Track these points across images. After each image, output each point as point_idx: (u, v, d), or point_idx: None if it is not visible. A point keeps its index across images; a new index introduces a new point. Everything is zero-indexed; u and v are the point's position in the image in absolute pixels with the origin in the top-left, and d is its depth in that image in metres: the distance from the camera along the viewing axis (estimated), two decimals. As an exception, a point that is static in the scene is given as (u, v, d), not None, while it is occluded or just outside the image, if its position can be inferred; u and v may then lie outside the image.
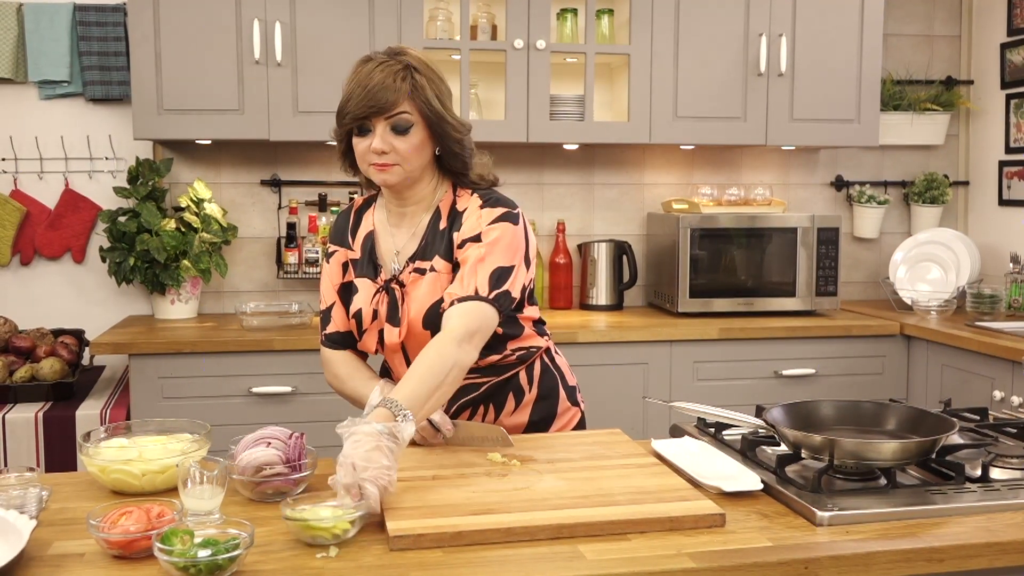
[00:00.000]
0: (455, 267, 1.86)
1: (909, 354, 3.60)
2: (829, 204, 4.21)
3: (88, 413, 3.07)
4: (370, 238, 1.96)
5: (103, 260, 3.53)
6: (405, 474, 1.64)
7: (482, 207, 1.88)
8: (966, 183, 4.28)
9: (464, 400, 1.96)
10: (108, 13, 3.56)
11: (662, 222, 3.81)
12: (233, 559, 1.26)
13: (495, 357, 1.93)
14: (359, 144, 1.82)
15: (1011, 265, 3.76)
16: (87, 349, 3.40)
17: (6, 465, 2.97)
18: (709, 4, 3.61)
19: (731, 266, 3.67)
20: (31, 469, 1.58)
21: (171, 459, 1.61)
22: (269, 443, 1.61)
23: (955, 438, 1.76)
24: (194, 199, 3.54)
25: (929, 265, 3.96)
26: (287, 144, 3.73)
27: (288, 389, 3.19)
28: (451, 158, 1.89)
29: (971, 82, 4.23)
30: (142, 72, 3.30)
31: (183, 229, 3.50)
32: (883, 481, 1.60)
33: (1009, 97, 4.03)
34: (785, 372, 3.51)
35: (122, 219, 3.49)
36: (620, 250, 3.84)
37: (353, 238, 1.98)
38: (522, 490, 1.56)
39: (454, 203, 1.92)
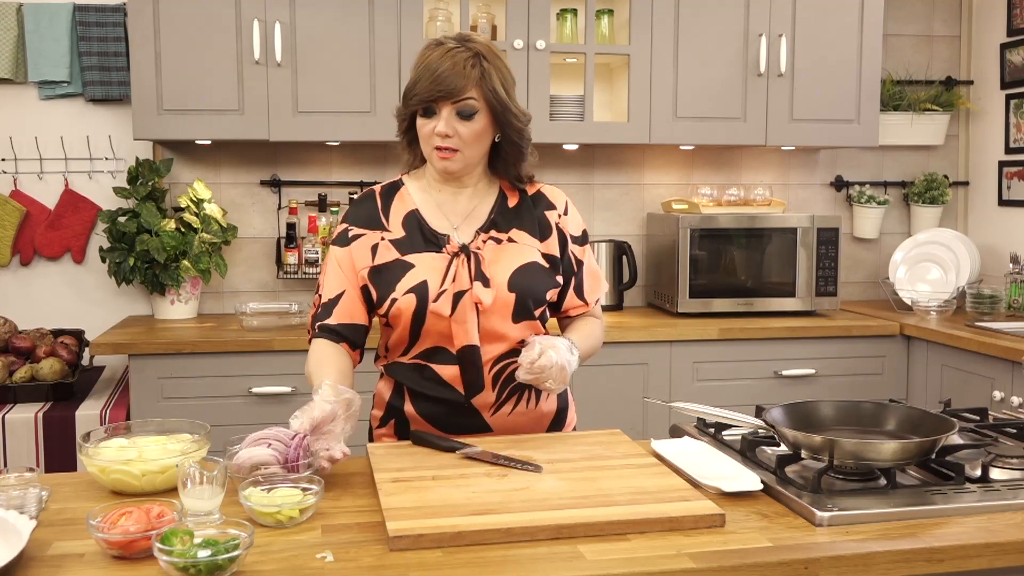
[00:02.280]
0: (562, 246, 1.99)
1: (909, 354, 3.60)
2: (829, 204, 4.21)
3: (88, 413, 3.07)
4: (414, 216, 1.95)
5: (103, 260, 3.53)
6: (404, 474, 1.64)
7: (567, 200, 2.05)
8: (966, 183, 4.28)
9: (514, 385, 1.94)
10: (108, 13, 3.56)
11: (662, 222, 3.81)
12: (233, 559, 1.26)
13: None
14: (424, 125, 1.86)
15: (1011, 265, 3.76)
16: (87, 349, 3.40)
17: (6, 465, 2.97)
18: (709, 4, 3.61)
19: (731, 266, 3.67)
20: (31, 469, 1.58)
21: (171, 459, 1.61)
22: (269, 444, 1.61)
23: (955, 438, 1.76)
24: (194, 199, 3.54)
25: (929, 265, 3.96)
26: (287, 144, 3.73)
27: (288, 389, 3.19)
28: (510, 147, 1.93)
29: (971, 82, 4.23)
30: (142, 72, 3.30)
31: (183, 229, 3.50)
32: (883, 481, 1.60)
33: (1009, 97, 4.03)
34: (785, 372, 3.51)
35: (122, 219, 3.49)
36: (620, 250, 3.84)
37: (387, 219, 1.96)
38: (522, 490, 1.56)
39: (519, 187, 2.00)
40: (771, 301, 3.68)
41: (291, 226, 3.67)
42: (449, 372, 1.91)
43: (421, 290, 1.87)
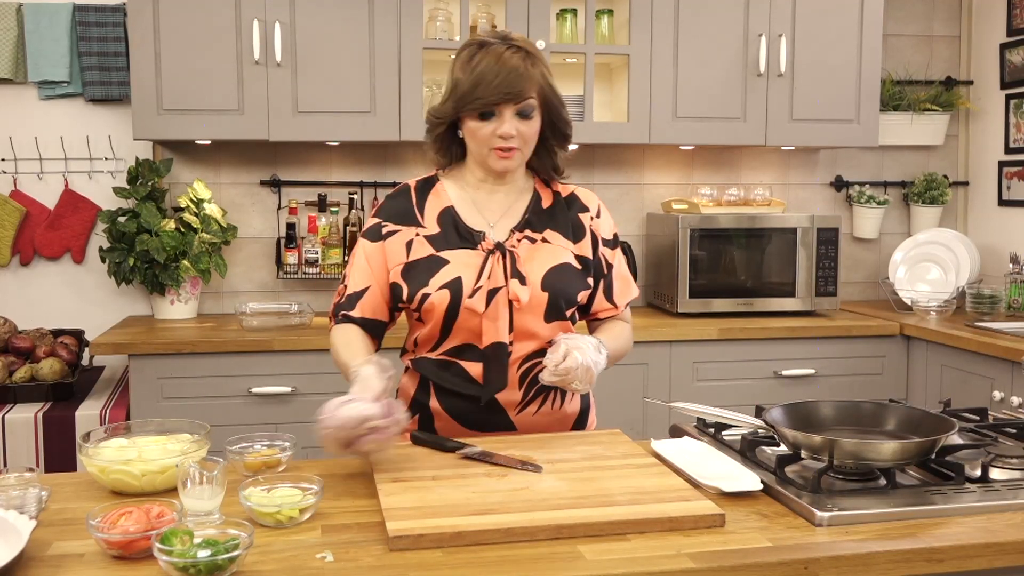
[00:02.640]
0: (594, 248, 2.01)
1: (909, 354, 3.60)
2: (829, 204, 4.21)
3: (88, 413, 3.07)
4: (449, 213, 1.96)
5: (103, 260, 3.53)
6: (404, 474, 1.64)
7: (600, 203, 2.07)
8: (966, 183, 4.28)
9: (540, 385, 1.93)
10: (108, 13, 3.56)
11: (662, 222, 3.81)
12: (233, 559, 1.26)
13: None
14: (482, 128, 1.87)
15: (1011, 265, 3.76)
16: (87, 349, 3.40)
17: (6, 465, 2.97)
18: (709, 4, 3.61)
19: (731, 266, 3.67)
20: (31, 469, 1.57)
21: (171, 459, 1.60)
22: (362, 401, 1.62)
23: (955, 438, 1.76)
24: (194, 199, 3.54)
25: (929, 265, 3.96)
26: (287, 144, 3.73)
27: (288, 389, 3.19)
28: (556, 137, 1.97)
29: (971, 82, 4.23)
30: (142, 72, 3.30)
31: (183, 229, 3.50)
32: (883, 481, 1.60)
33: (1009, 97, 4.03)
34: (785, 372, 3.51)
35: (122, 219, 3.49)
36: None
37: (422, 215, 1.97)
38: (522, 490, 1.56)
39: (550, 187, 2.03)
40: (771, 301, 3.68)
41: (291, 226, 3.67)
42: (476, 369, 1.91)
43: (455, 286, 1.88)
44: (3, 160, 3.60)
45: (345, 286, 1.98)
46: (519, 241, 1.94)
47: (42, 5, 3.54)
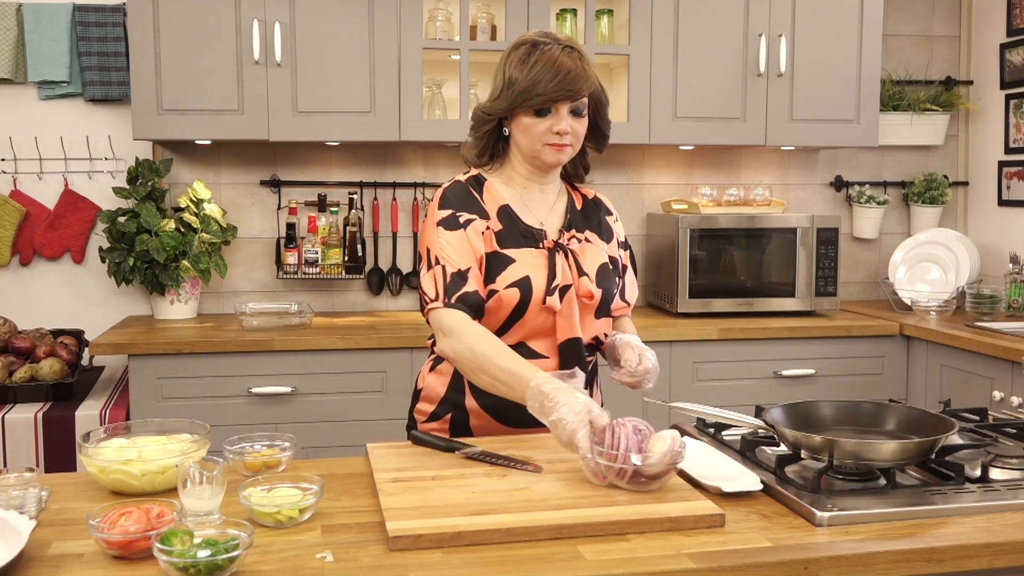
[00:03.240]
0: (621, 251, 2.10)
1: (908, 354, 3.60)
2: (828, 204, 4.21)
3: (88, 413, 3.07)
4: (507, 210, 1.97)
5: (103, 260, 3.53)
6: (404, 474, 1.64)
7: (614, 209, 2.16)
8: (965, 183, 4.28)
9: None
10: (108, 13, 3.56)
11: (661, 222, 3.81)
12: (233, 559, 1.26)
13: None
14: (538, 124, 1.90)
15: (1010, 265, 3.76)
16: (87, 349, 3.40)
17: (6, 465, 2.97)
18: (708, 4, 3.61)
19: (730, 266, 3.67)
20: (30, 469, 1.58)
21: (171, 459, 1.60)
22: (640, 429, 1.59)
23: (955, 438, 1.76)
24: (194, 199, 3.54)
25: (928, 265, 3.96)
26: (286, 144, 3.73)
27: (287, 389, 3.19)
28: (598, 136, 2.04)
29: (970, 82, 4.23)
30: (141, 72, 3.30)
31: (183, 229, 3.50)
32: (883, 481, 1.60)
33: (1008, 97, 4.03)
34: (785, 372, 3.51)
35: (122, 219, 3.49)
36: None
37: (487, 208, 1.96)
38: (521, 490, 1.56)
39: (577, 190, 2.12)
40: (771, 301, 3.68)
41: (291, 226, 3.67)
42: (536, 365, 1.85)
43: (524, 284, 1.89)
44: (3, 160, 3.60)
45: (443, 267, 1.86)
46: (569, 240, 2.00)
47: (42, 5, 3.54)
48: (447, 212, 1.92)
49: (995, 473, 1.67)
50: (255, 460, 1.69)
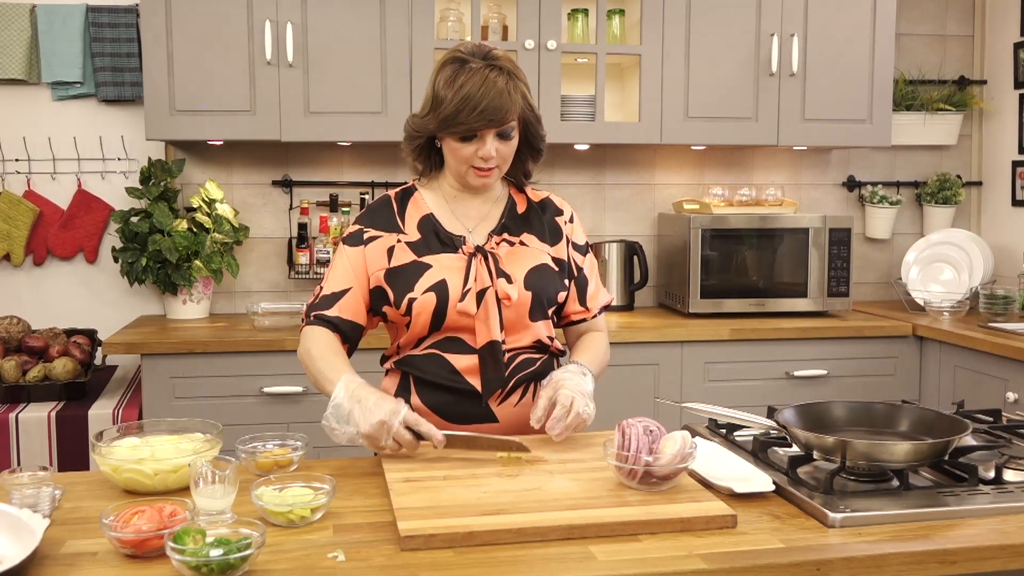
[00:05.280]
0: (575, 253, 2.06)
1: (921, 355, 3.59)
2: (841, 204, 4.20)
3: (100, 413, 3.09)
4: (429, 220, 2.00)
5: (115, 260, 3.54)
6: (416, 474, 1.64)
7: (573, 211, 2.13)
8: (979, 183, 4.26)
9: (522, 375, 1.97)
10: (120, 14, 3.58)
11: (673, 222, 3.81)
12: (245, 558, 1.26)
13: (557, 341, 2.06)
14: (462, 149, 1.90)
15: (1024, 266, 3.74)
16: (99, 349, 3.41)
17: (19, 464, 2.99)
18: (720, 4, 3.60)
19: (742, 267, 3.66)
20: (44, 468, 1.58)
21: (183, 458, 1.61)
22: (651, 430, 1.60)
23: (968, 440, 1.76)
24: (206, 199, 3.55)
25: (942, 266, 3.94)
26: (298, 145, 3.74)
27: (299, 389, 3.19)
28: (530, 151, 2.03)
29: (984, 82, 4.21)
30: (154, 73, 3.32)
31: (195, 229, 3.51)
32: (895, 483, 1.59)
33: (1022, 97, 4.01)
34: (797, 373, 3.50)
35: (134, 219, 3.51)
36: (631, 250, 3.84)
37: (403, 222, 2.00)
38: (533, 490, 1.56)
39: (524, 192, 2.09)
40: (783, 301, 3.67)
41: (302, 226, 3.68)
42: (464, 363, 1.93)
43: (441, 288, 1.91)
44: (17, 160, 3.62)
45: (321, 287, 1.99)
46: (498, 244, 1.99)
47: (55, 6, 3.55)
48: (356, 228, 2.01)
49: (1009, 474, 1.66)
50: (267, 459, 1.69)
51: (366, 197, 3.74)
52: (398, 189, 2.07)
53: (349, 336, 1.98)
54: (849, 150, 4.15)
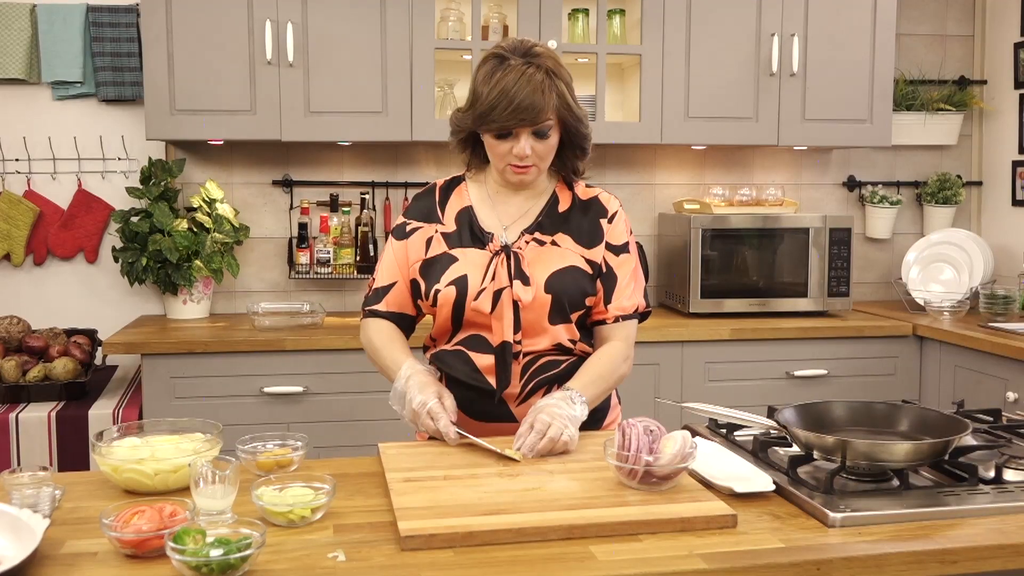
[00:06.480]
0: (608, 253, 2.00)
1: (922, 355, 3.59)
2: (841, 204, 4.20)
3: (101, 413, 3.09)
4: (467, 213, 2.01)
5: (116, 260, 3.54)
6: (416, 474, 1.64)
7: (619, 210, 2.06)
8: (979, 183, 4.26)
9: (543, 377, 1.96)
10: (121, 14, 3.58)
11: (673, 222, 3.81)
12: (245, 558, 1.26)
13: (584, 343, 2.02)
14: (499, 146, 1.91)
15: (1024, 266, 3.74)
16: (100, 349, 3.41)
17: (19, 464, 2.99)
18: (721, 4, 3.60)
19: (743, 266, 3.66)
20: (44, 468, 1.58)
21: (183, 458, 1.61)
22: (652, 430, 1.60)
23: (968, 439, 1.75)
24: (206, 199, 3.55)
25: (942, 266, 3.94)
26: (299, 144, 3.73)
27: (299, 389, 3.19)
28: (574, 150, 1.99)
29: (984, 82, 4.21)
30: (155, 73, 3.32)
31: (195, 229, 3.51)
32: (895, 482, 1.59)
33: (1022, 97, 4.01)
34: (797, 373, 3.50)
35: (135, 219, 3.51)
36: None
37: (443, 213, 2.02)
38: (533, 490, 1.56)
39: (572, 190, 2.05)
40: (783, 301, 3.67)
41: (303, 226, 3.68)
42: (484, 362, 1.95)
43: (461, 283, 1.93)
44: (17, 160, 3.62)
45: (373, 280, 2.08)
46: (527, 243, 1.97)
47: (56, 6, 3.55)
48: (401, 220, 2.07)
49: (1009, 474, 1.66)
50: (267, 459, 1.69)
51: (366, 197, 3.74)
52: (448, 178, 2.09)
53: (400, 326, 2.06)
54: (849, 150, 4.15)
